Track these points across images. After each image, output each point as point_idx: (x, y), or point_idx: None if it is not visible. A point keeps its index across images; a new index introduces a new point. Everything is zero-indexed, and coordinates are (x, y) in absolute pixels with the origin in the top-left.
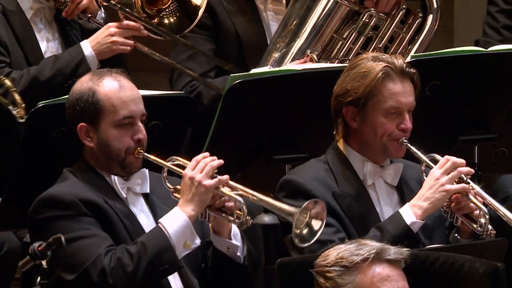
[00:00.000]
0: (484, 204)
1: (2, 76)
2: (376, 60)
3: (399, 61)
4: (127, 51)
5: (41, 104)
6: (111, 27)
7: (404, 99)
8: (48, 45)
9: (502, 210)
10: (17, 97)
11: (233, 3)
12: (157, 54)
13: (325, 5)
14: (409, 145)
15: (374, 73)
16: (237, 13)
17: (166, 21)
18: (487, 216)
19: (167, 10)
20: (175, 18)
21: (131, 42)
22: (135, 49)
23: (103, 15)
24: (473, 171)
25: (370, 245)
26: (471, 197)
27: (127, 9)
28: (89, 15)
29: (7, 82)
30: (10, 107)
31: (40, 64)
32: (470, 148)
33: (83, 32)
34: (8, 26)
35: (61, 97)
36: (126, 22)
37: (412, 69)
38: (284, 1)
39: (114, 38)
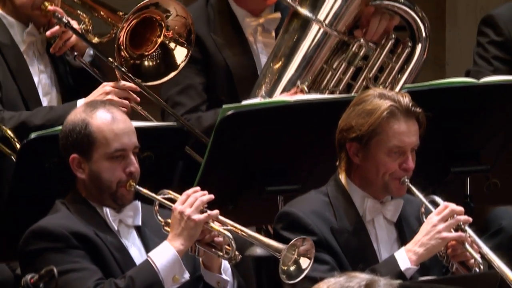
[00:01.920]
0: (480, 253)
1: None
2: (382, 98)
3: (405, 100)
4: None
5: (33, 135)
6: (107, 86)
7: (408, 139)
8: (40, 77)
9: (497, 262)
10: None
11: (222, 36)
12: (150, 117)
13: (314, 36)
14: (410, 185)
15: (379, 112)
16: (227, 46)
17: (146, 63)
18: (482, 267)
19: (149, 55)
20: (154, 63)
21: (127, 102)
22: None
23: (91, 52)
24: (471, 219)
25: (360, 277)
26: (467, 246)
27: (123, 69)
28: (76, 54)
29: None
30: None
31: (33, 111)
32: (462, 180)
33: (71, 67)
34: (1, 59)
35: (53, 129)
36: (123, 82)
37: (417, 109)
38: (273, 33)
39: (109, 97)
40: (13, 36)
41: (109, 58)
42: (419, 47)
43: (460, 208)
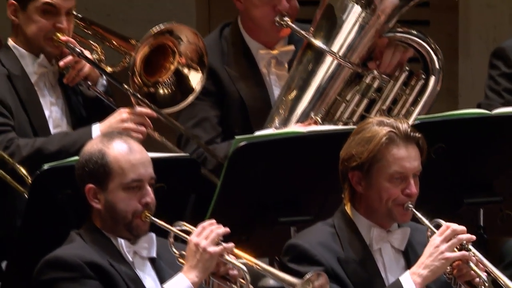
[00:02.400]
0: (486, 271)
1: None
2: (381, 125)
3: (403, 126)
4: (140, 139)
5: (46, 166)
6: (124, 112)
7: (409, 164)
8: (51, 109)
9: (503, 279)
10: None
11: (236, 69)
12: (168, 142)
13: (328, 68)
14: (414, 210)
15: (378, 138)
16: (240, 78)
17: (161, 91)
18: (487, 285)
19: (164, 82)
20: (169, 90)
21: (143, 129)
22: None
23: (104, 82)
24: (474, 237)
25: None
26: (472, 264)
27: (139, 95)
28: (89, 83)
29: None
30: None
31: (48, 137)
32: (475, 211)
33: (84, 97)
34: (13, 90)
35: (66, 160)
36: (139, 109)
37: (417, 134)
38: (286, 66)
39: (126, 125)
40: (24, 67)
41: (124, 85)
42: (432, 79)
43: (462, 228)
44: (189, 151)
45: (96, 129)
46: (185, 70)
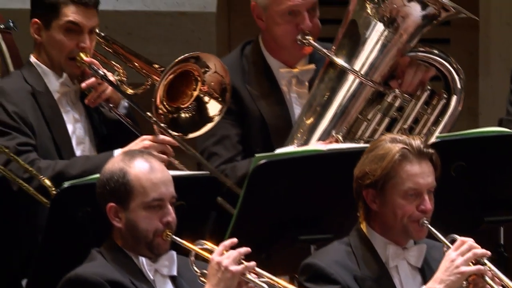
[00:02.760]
0: (502, 286)
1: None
2: (394, 142)
3: (416, 142)
4: None
5: (66, 184)
6: (146, 139)
7: (423, 180)
8: (75, 126)
9: None
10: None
11: (257, 87)
12: (185, 169)
13: (350, 86)
14: (429, 226)
15: (391, 155)
16: (261, 97)
17: (182, 115)
18: None
19: (186, 108)
20: (190, 115)
21: (165, 157)
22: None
23: (126, 104)
24: (489, 252)
25: None
26: (488, 279)
27: (162, 124)
28: (111, 105)
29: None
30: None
31: (70, 161)
32: (495, 229)
33: (105, 117)
34: (36, 106)
35: (87, 178)
36: (161, 136)
37: (430, 150)
38: (307, 84)
39: None
40: (47, 84)
41: (148, 113)
42: (454, 99)
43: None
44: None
45: (118, 154)
46: (206, 98)
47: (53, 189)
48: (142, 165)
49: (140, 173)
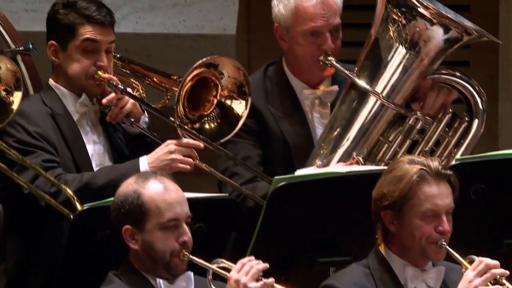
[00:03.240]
0: None
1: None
2: (412, 163)
3: (434, 163)
4: (187, 170)
5: (85, 206)
6: (171, 144)
7: (441, 201)
8: (94, 147)
9: None
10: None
11: (280, 108)
12: (216, 172)
13: (371, 108)
14: (448, 247)
15: (409, 176)
16: (284, 117)
17: (207, 126)
18: None
19: (208, 116)
20: (215, 124)
21: (190, 160)
22: None
23: (146, 119)
24: (507, 272)
25: None
26: None
27: (185, 127)
28: (132, 120)
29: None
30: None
31: (96, 171)
32: None
33: (125, 135)
34: (56, 128)
35: (105, 200)
36: (186, 140)
37: (448, 171)
38: (329, 105)
39: (173, 156)
40: (66, 106)
41: (170, 118)
42: (476, 121)
43: (496, 262)
44: (229, 190)
45: (144, 161)
46: (228, 102)
47: (77, 199)
48: (156, 186)
49: (154, 194)
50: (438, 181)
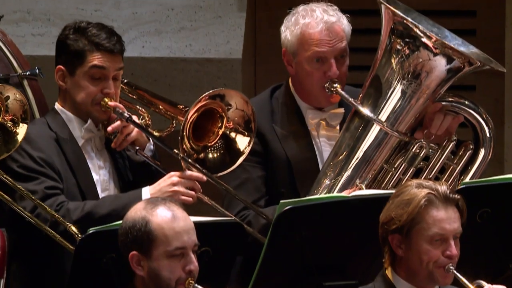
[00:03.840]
0: None
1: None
2: (420, 187)
3: (442, 187)
4: (189, 202)
5: (91, 230)
6: (174, 176)
7: (449, 225)
8: (100, 172)
9: None
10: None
11: (285, 128)
12: (217, 206)
13: (375, 136)
14: (455, 272)
15: (417, 200)
16: (288, 137)
17: (210, 155)
18: None
19: (212, 146)
20: (218, 154)
21: (193, 193)
22: None
23: (151, 147)
24: None
25: None
26: None
27: (189, 160)
28: (137, 148)
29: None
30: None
31: (98, 201)
32: None
33: (130, 160)
34: (61, 153)
35: (111, 224)
36: (189, 172)
37: (456, 195)
38: (337, 128)
39: (176, 188)
40: (72, 131)
41: (174, 150)
42: (482, 149)
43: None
44: (232, 214)
45: (146, 192)
46: (232, 134)
47: (80, 236)
48: (165, 213)
49: (162, 222)
50: (446, 205)
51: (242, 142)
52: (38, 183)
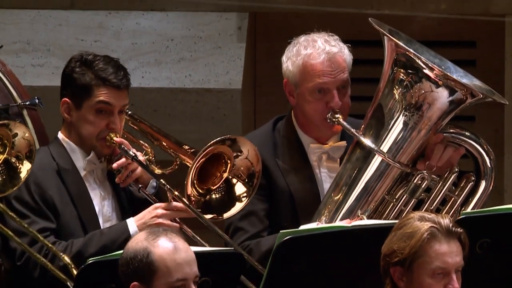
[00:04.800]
0: None
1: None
2: (422, 220)
3: (445, 221)
4: None
5: (91, 260)
6: (159, 208)
7: (451, 259)
8: (102, 203)
9: None
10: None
11: (287, 162)
12: (201, 241)
13: (377, 167)
14: None
15: (419, 234)
16: (291, 171)
17: (213, 196)
18: None
19: (216, 189)
20: (220, 195)
21: (176, 225)
22: None
23: (154, 183)
24: None
25: None
26: None
27: (176, 192)
28: (140, 186)
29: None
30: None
31: (85, 239)
32: None
33: (132, 195)
34: (61, 185)
35: (110, 254)
36: (174, 204)
37: (459, 229)
38: (338, 161)
39: (160, 220)
40: (74, 161)
41: (176, 193)
42: (483, 181)
43: None
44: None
45: (132, 224)
46: (234, 180)
47: (73, 266)
48: (166, 244)
49: (164, 253)
50: (448, 239)
51: (240, 189)
52: (29, 223)
